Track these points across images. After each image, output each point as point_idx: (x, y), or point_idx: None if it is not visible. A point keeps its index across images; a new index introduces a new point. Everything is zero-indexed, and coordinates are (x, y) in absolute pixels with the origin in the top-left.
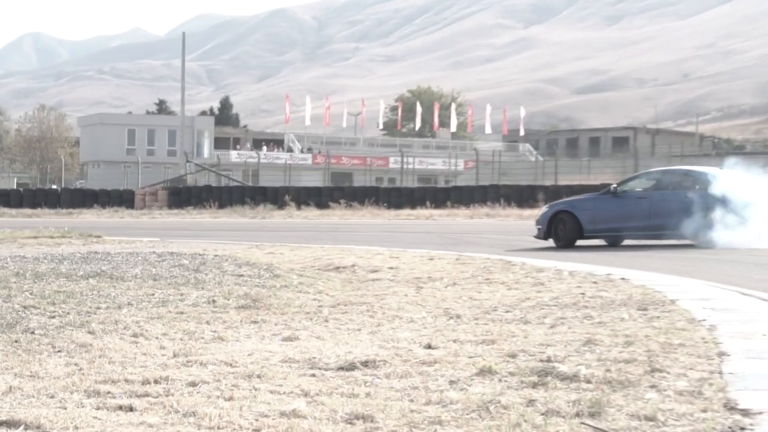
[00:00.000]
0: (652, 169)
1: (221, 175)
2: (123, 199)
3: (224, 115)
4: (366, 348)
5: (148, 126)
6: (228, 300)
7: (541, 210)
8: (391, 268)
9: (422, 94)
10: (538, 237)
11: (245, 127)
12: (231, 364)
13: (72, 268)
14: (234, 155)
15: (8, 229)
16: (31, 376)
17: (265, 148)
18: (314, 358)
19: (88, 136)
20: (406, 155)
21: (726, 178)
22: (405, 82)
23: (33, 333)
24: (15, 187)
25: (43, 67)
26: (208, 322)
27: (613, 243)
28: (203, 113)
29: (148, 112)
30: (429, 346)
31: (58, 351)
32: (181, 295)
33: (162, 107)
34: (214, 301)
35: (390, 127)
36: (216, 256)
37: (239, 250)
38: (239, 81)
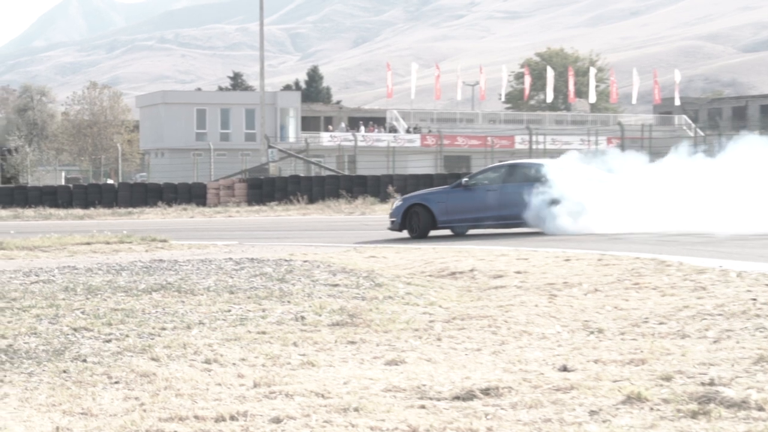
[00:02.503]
0: (499, 164)
1: (310, 163)
2: (192, 194)
3: (313, 90)
4: (487, 372)
5: (221, 105)
6: (320, 316)
7: (395, 203)
8: (518, 272)
9: (553, 57)
10: (392, 229)
11: (338, 103)
12: (323, 395)
13: (132, 280)
14: (326, 138)
15: (56, 234)
16: (82, 413)
17: (363, 128)
18: (424, 385)
19: (149, 119)
20: (535, 133)
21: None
22: (531, 43)
23: (85, 361)
24: (63, 182)
25: (93, 37)
26: (295, 344)
27: (461, 233)
28: (287, 87)
29: (220, 88)
30: (564, 369)
31: (115, 382)
32: (263, 310)
33: (237, 82)
34: (302, 318)
35: (514, 99)
36: (305, 261)
37: (333, 254)
38: (330, 47)
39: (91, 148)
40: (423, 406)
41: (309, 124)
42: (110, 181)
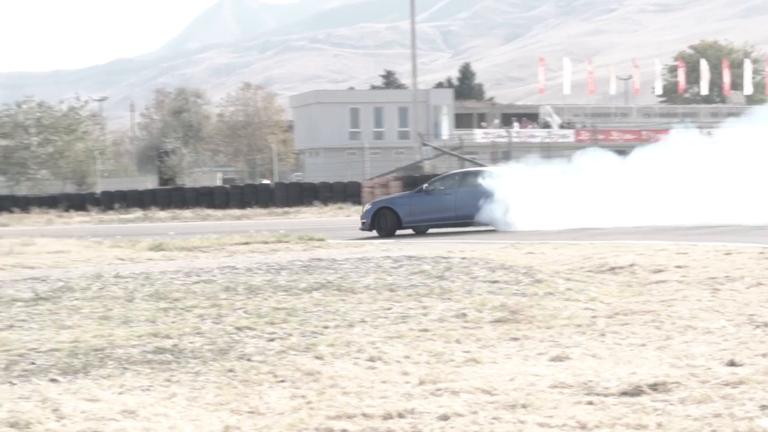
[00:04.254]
0: (454, 171)
1: (465, 160)
2: (347, 193)
3: (465, 87)
4: (653, 367)
5: (375, 104)
6: (481, 313)
7: (365, 207)
8: (678, 266)
9: (707, 49)
10: (363, 229)
11: (491, 99)
12: (489, 392)
13: (292, 279)
14: (479, 134)
15: (214, 235)
16: (250, 412)
17: (516, 124)
18: (590, 381)
19: (303, 119)
20: (691, 126)
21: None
22: (685, 35)
23: (250, 360)
24: (219, 183)
25: (245, 38)
26: (458, 341)
27: (421, 231)
28: (440, 85)
29: (373, 87)
30: (732, 363)
31: (281, 381)
32: (424, 308)
33: (390, 80)
34: (464, 315)
35: (669, 93)
36: (463, 258)
37: (491, 251)
38: (481, 44)
39: (246, 148)
40: (590, 402)
41: (462, 121)
42: (265, 182)
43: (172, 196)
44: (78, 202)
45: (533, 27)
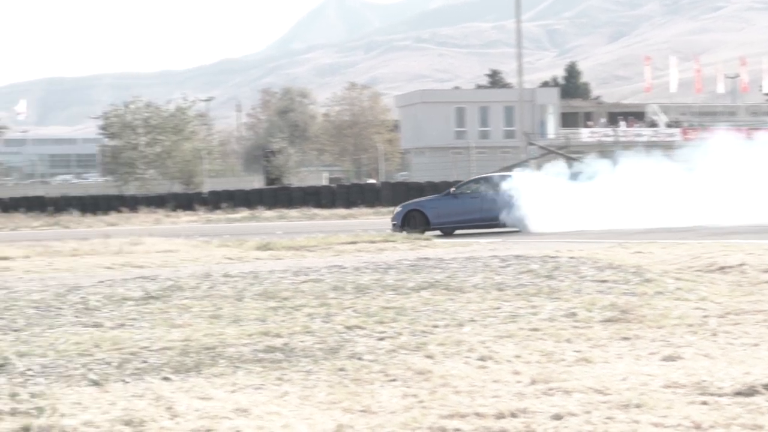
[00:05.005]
0: (480, 176)
1: (571, 159)
2: None
3: (571, 85)
4: None
5: (480, 103)
6: (590, 312)
7: (396, 210)
8: None
9: None
10: (394, 230)
11: (597, 98)
12: (601, 392)
13: (400, 278)
14: (585, 133)
15: (321, 234)
16: (362, 411)
17: (622, 123)
18: (703, 381)
19: (409, 119)
20: None
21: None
22: None
23: (361, 359)
24: (326, 183)
25: (350, 38)
26: (568, 340)
27: (448, 233)
28: (545, 84)
29: (478, 86)
30: None
31: (392, 380)
32: (533, 307)
33: (495, 79)
34: (574, 314)
35: None
36: (571, 258)
37: (599, 250)
38: (586, 43)
39: (352, 148)
40: (705, 402)
41: (568, 120)
42: (371, 181)
43: (278, 196)
44: (185, 202)
45: (639, 25)
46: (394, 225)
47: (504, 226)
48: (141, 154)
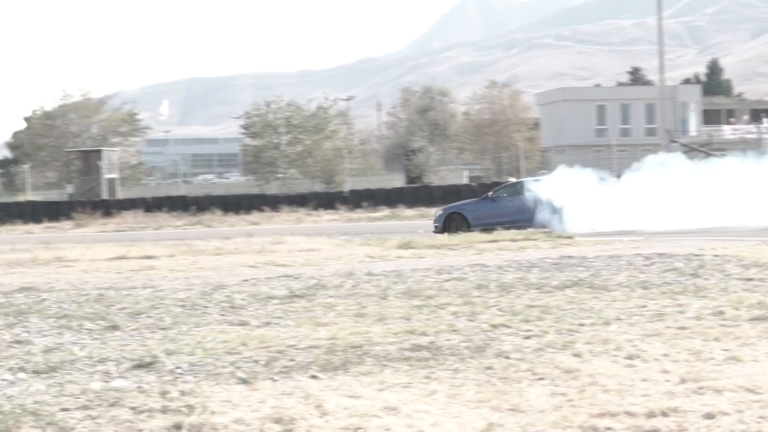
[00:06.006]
0: (515, 180)
1: (713, 157)
2: None
3: (713, 82)
4: None
5: (621, 100)
6: (738, 311)
7: (437, 212)
8: None
9: None
10: (436, 232)
11: (740, 95)
12: (752, 390)
13: (543, 277)
14: (728, 131)
15: (462, 233)
16: (511, 409)
17: (766, 120)
18: None
19: (549, 117)
20: None
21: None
22: None
23: (507, 357)
24: (466, 181)
25: (489, 36)
26: (716, 339)
27: (488, 231)
28: (686, 81)
29: (619, 84)
30: None
31: (540, 378)
32: (679, 306)
33: (636, 76)
34: (721, 313)
35: None
36: (716, 256)
37: (743, 248)
38: (728, 39)
39: (492, 146)
40: None
41: (710, 117)
42: (511, 179)
43: (418, 194)
44: (326, 201)
45: None
46: (436, 227)
47: (537, 226)
48: (282, 153)
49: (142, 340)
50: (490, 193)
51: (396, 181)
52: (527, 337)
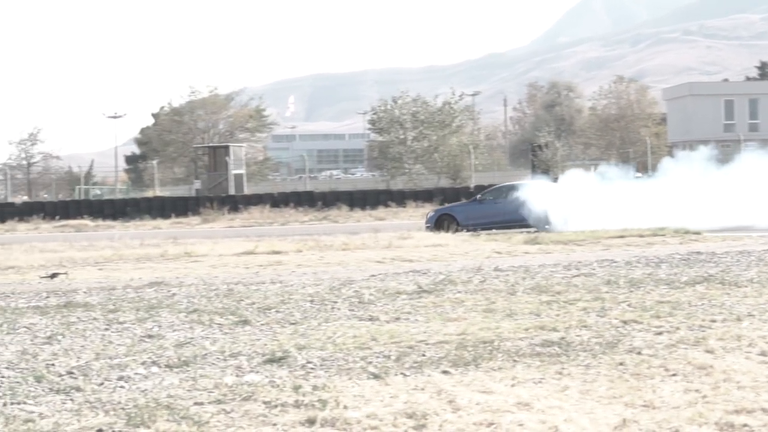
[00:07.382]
0: (501, 184)
1: None
2: None
3: None
4: None
5: (750, 95)
6: None
7: (429, 214)
8: None
9: None
10: (427, 231)
11: None
12: None
13: (672, 272)
14: None
15: (591, 230)
16: (644, 405)
17: None
18: None
19: (676, 112)
20: None
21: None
22: None
23: (639, 353)
24: None
25: (616, 31)
26: None
27: (477, 231)
28: None
29: (747, 78)
30: None
31: (673, 374)
32: None
33: (764, 71)
34: None
35: None
36: None
37: None
38: None
39: (619, 142)
40: None
41: None
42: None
43: None
44: (453, 196)
45: None
46: (427, 227)
47: (523, 226)
48: (408, 148)
49: (272, 335)
50: (478, 196)
51: (522, 176)
52: (658, 333)
